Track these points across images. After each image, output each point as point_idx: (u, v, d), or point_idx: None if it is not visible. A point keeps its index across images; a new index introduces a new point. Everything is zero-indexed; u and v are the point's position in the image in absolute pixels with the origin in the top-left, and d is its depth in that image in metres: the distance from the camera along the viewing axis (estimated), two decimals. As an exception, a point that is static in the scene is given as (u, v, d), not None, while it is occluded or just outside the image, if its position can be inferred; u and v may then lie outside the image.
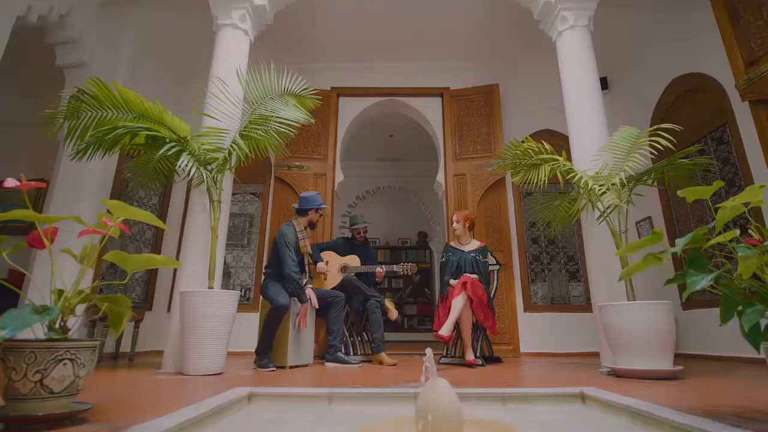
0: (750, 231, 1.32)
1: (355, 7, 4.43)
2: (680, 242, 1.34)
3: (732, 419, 1.24)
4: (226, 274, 4.65)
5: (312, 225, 3.44)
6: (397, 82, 5.16)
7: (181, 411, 1.23)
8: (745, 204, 1.31)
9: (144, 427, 1.05)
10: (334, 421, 1.41)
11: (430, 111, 5.12)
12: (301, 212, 3.39)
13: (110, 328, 1.33)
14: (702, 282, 1.21)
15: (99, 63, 3.87)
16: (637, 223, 4.43)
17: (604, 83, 4.99)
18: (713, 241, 1.32)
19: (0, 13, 2.99)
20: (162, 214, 4.60)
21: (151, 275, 4.43)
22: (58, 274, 1.22)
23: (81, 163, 3.00)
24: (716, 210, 1.33)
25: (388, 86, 5.16)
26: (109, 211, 1.31)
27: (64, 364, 1.11)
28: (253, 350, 3.94)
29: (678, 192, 1.38)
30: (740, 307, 1.17)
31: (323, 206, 3.45)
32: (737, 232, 1.29)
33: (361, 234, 3.95)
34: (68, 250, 1.31)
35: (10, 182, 1.17)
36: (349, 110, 5.15)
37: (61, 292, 1.21)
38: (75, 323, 1.26)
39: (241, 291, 4.62)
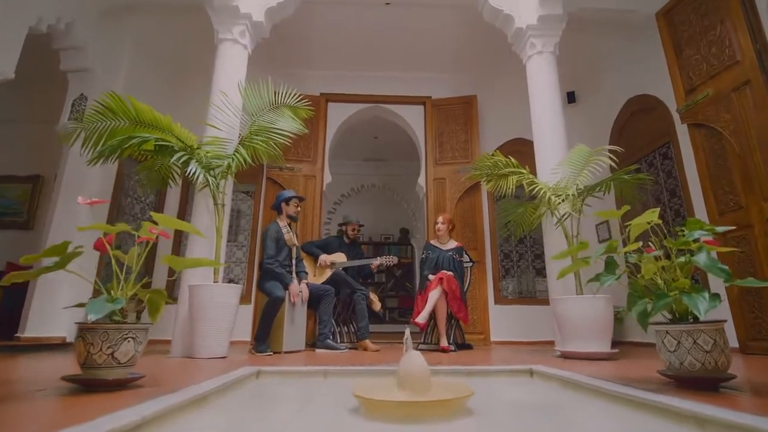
0: (650, 243, 1.74)
1: (345, 21, 4.74)
2: (598, 251, 1.76)
3: (626, 382, 1.66)
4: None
5: (293, 218, 3.79)
6: (382, 90, 5.50)
7: (211, 380, 1.58)
8: (649, 222, 1.73)
9: (193, 389, 1.40)
10: (331, 390, 1.78)
11: (413, 118, 5.48)
12: (277, 209, 3.75)
13: (149, 315, 1.66)
14: (609, 281, 1.63)
15: (100, 68, 4.09)
16: (596, 225, 4.92)
17: (572, 96, 5.46)
18: (623, 250, 1.74)
19: (14, 26, 3.21)
20: (158, 210, 4.85)
21: (147, 270, 4.68)
22: (116, 272, 1.54)
23: (84, 162, 3.26)
24: (627, 227, 1.76)
25: (374, 93, 5.50)
26: (154, 222, 1.64)
27: (128, 341, 1.44)
28: (247, 340, 4.29)
29: (594, 213, 1.79)
30: (636, 299, 1.60)
31: (294, 197, 3.80)
32: (639, 244, 1.71)
33: (356, 230, 4.35)
34: (120, 252, 1.63)
35: (81, 200, 1.49)
36: (337, 115, 5.47)
37: (118, 285, 1.53)
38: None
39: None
